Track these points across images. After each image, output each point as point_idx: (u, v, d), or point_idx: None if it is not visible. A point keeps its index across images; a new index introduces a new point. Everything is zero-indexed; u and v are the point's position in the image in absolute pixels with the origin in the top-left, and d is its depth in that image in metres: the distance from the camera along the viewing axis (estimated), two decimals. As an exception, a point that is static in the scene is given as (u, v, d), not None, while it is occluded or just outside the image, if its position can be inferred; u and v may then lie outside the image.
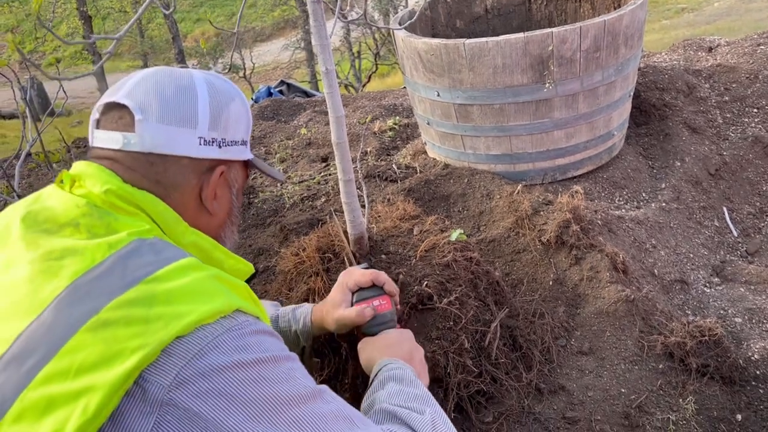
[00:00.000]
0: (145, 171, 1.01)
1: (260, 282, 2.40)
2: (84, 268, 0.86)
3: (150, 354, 0.77)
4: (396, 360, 1.25)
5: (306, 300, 1.90)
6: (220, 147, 1.07)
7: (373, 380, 1.22)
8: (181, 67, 1.13)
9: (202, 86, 1.06)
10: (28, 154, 2.46)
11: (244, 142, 1.14)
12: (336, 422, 0.87)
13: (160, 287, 0.84)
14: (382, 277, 1.48)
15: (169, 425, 0.76)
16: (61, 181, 1.01)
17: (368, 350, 1.36)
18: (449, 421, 1.07)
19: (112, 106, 1.03)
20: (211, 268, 0.94)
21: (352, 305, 1.46)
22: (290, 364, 0.89)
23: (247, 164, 1.20)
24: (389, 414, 1.03)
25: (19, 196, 2.35)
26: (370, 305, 1.44)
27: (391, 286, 1.49)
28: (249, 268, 1.12)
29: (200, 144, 1.04)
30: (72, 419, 0.74)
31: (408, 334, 1.42)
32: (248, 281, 1.08)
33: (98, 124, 1.04)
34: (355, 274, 1.48)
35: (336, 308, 1.43)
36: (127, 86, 1.04)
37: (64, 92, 2.61)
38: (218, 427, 0.77)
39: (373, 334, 1.42)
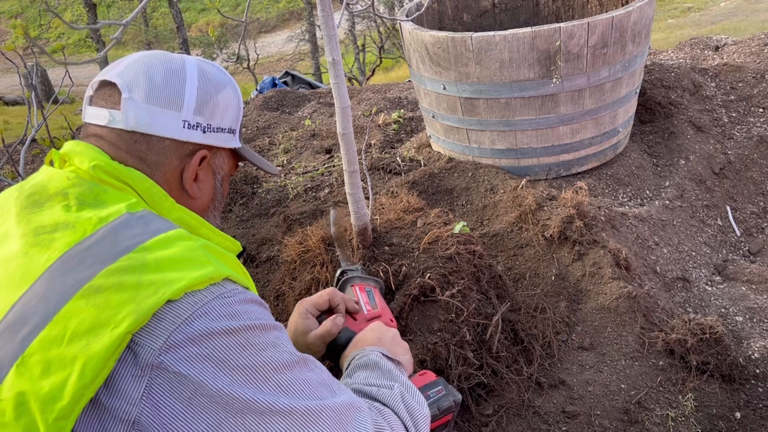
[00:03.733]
0: (128, 148, 1.02)
1: (263, 272, 2.41)
2: (75, 240, 0.88)
3: (141, 318, 0.79)
4: (362, 349, 1.23)
5: (309, 289, 1.91)
6: (204, 132, 1.08)
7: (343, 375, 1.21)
8: (178, 53, 1.13)
9: (193, 71, 1.07)
10: (33, 140, 2.46)
11: (231, 131, 1.14)
12: (319, 388, 0.90)
13: (150, 255, 0.86)
14: (338, 298, 1.41)
15: (159, 388, 0.78)
16: (51, 162, 1.04)
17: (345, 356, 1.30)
18: (418, 392, 1.09)
19: (105, 84, 1.05)
20: (199, 239, 0.96)
21: None
22: (277, 333, 0.91)
23: (236, 153, 1.20)
24: (360, 393, 1.05)
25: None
26: (339, 314, 1.38)
27: (343, 309, 1.41)
28: (236, 246, 1.13)
29: (183, 127, 1.05)
30: (69, 383, 0.76)
31: (375, 324, 1.36)
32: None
33: (91, 101, 1.06)
34: (311, 299, 1.42)
35: (306, 335, 1.35)
36: (121, 65, 1.06)
37: (71, 79, 2.61)
38: (206, 389, 0.79)
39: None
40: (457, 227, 2.05)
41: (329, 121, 4.24)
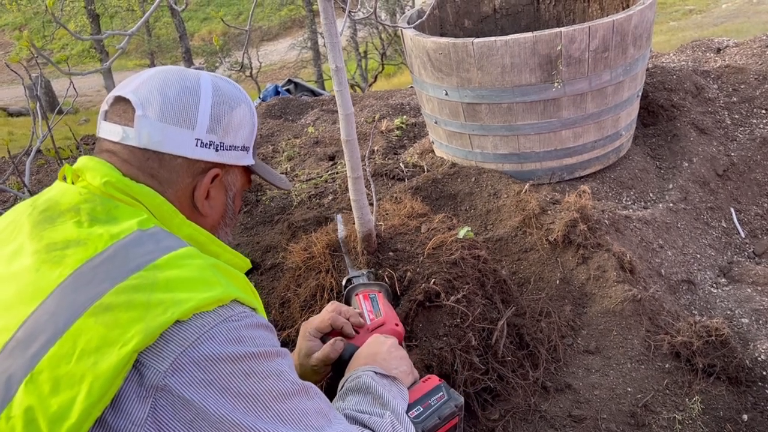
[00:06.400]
0: (140, 165, 1.03)
1: (268, 279, 2.41)
2: (87, 257, 0.89)
3: (149, 337, 0.80)
4: (355, 370, 1.23)
5: (314, 296, 1.91)
6: (217, 150, 1.07)
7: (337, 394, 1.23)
8: (194, 68, 1.14)
9: (207, 89, 1.07)
10: (38, 150, 2.48)
11: (245, 148, 1.14)
12: (317, 418, 0.92)
13: (161, 275, 0.87)
14: (340, 321, 1.41)
15: (163, 410, 0.79)
16: (64, 177, 1.04)
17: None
18: (408, 420, 1.10)
19: (119, 100, 1.05)
20: (209, 258, 0.97)
21: None
22: (280, 360, 0.92)
23: (248, 170, 1.20)
24: (352, 419, 1.06)
25: (30, 191, 2.37)
26: (338, 338, 1.39)
27: (350, 329, 1.42)
28: (245, 263, 1.13)
29: (196, 145, 1.05)
30: (77, 401, 0.77)
31: (372, 339, 1.37)
32: (246, 275, 1.08)
33: (105, 116, 1.06)
34: (314, 322, 1.43)
35: (309, 357, 1.37)
36: (137, 81, 1.06)
37: (75, 89, 2.63)
38: (208, 415, 0.80)
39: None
40: (461, 232, 2.06)
41: (332, 128, 4.25)
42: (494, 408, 1.87)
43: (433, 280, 1.85)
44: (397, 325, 1.49)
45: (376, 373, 1.19)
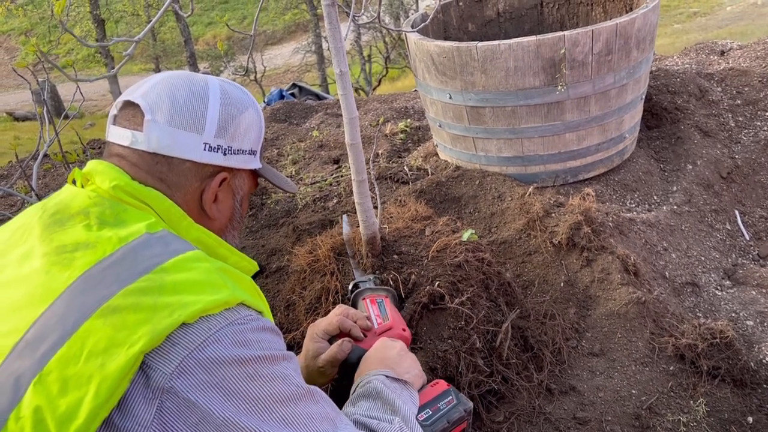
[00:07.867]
0: (149, 169, 1.04)
1: (273, 281, 2.42)
2: (95, 259, 0.90)
3: (155, 339, 0.81)
4: (366, 375, 1.23)
5: (320, 298, 1.92)
6: (225, 154, 1.09)
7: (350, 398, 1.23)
8: (203, 72, 1.15)
9: (216, 94, 1.08)
10: (45, 155, 2.50)
11: (252, 152, 1.15)
12: (322, 422, 0.92)
13: (168, 277, 0.88)
14: (347, 323, 1.42)
15: (169, 412, 0.80)
16: (74, 181, 1.06)
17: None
18: (417, 426, 1.11)
19: (128, 104, 1.06)
20: (216, 261, 0.97)
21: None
22: (286, 363, 0.93)
23: (255, 173, 1.21)
24: (361, 424, 1.07)
25: (37, 195, 2.39)
26: (346, 338, 1.40)
27: (358, 332, 1.42)
28: (253, 266, 1.14)
29: (204, 150, 1.06)
30: (85, 402, 0.78)
31: (380, 343, 1.37)
32: (252, 279, 1.08)
33: (114, 120, 1.08)
34: (322, 324, 1.43)
35: (317, 358, 1.38)
36: (146, 86, 1.08)
37: (81, 94, 2.64)
38: (213, 418, 0.81)
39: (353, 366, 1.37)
40: (466, 235, 2.07)
41: (336, 132, 4.27)
42: (499, 410, 1.88)
43: (437, 283, 1.86)
44: (404, 329, 1.50)
45: (387, 377, 1.20)
